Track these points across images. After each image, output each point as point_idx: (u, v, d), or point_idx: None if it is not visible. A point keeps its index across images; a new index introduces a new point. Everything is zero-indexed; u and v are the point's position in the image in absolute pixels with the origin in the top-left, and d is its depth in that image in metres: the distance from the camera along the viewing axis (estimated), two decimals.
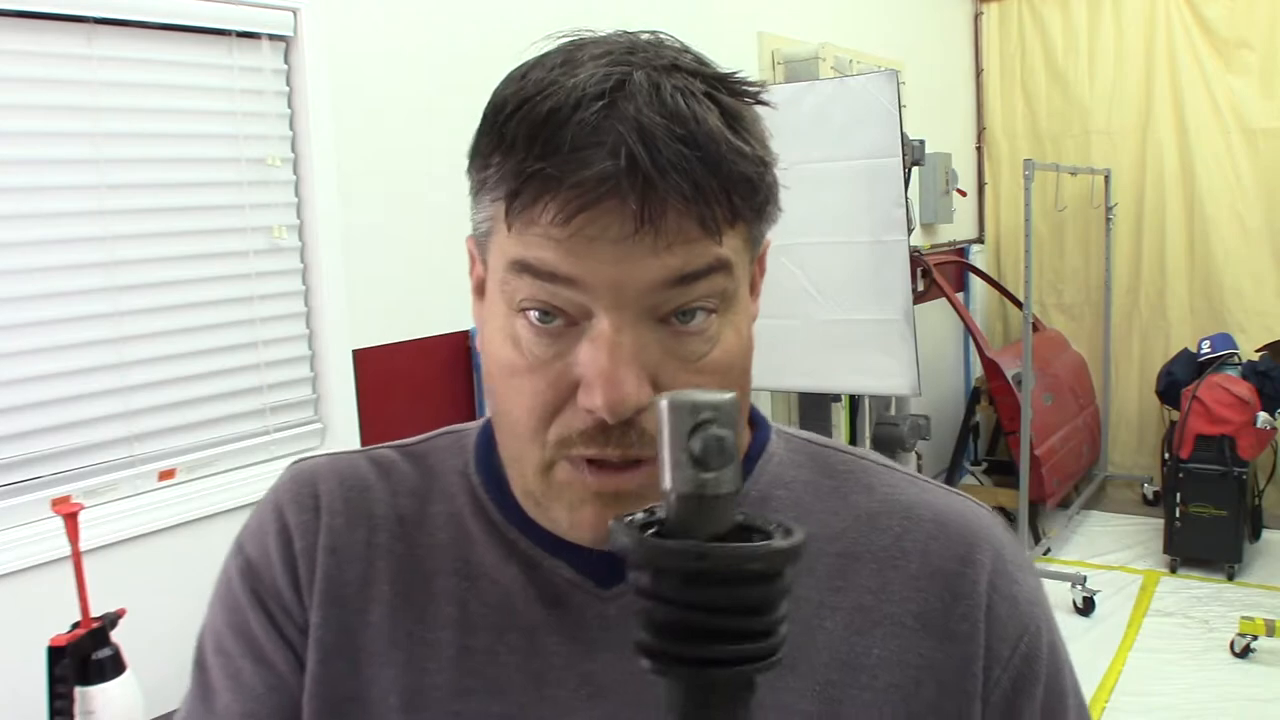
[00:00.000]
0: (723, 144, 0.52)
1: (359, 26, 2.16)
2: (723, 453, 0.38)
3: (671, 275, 0.53)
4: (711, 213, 0.52)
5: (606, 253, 0.52)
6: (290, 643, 0.63)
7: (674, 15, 3.11)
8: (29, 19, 1.66)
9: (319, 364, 2.13)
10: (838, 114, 2.74)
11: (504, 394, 0.58)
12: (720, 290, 0.55)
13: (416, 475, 0.68)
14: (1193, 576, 4.09)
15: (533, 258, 0.53)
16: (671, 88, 0.52)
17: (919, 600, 0.62)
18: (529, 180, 0.51)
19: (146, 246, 1.84)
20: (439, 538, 0.65)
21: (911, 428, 3.71)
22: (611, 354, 0.52)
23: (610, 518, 0.54)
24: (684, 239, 0.52)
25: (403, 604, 0.63)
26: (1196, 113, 4.80)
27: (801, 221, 2.81)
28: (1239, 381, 4.17)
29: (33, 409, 1.70)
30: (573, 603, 0.61)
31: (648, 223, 0.51)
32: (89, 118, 1.75)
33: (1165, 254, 4.95)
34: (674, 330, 0.55)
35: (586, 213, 0.51)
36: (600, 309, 0.53)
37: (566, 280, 0.53)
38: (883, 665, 0.60)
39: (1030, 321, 4.00)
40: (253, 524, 0.67)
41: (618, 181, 0.50)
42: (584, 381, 0.54)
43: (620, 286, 0.52)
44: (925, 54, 4.76)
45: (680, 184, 0.50)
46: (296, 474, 0.68)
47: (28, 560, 1.62)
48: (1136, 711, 3.13)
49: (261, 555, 0.65)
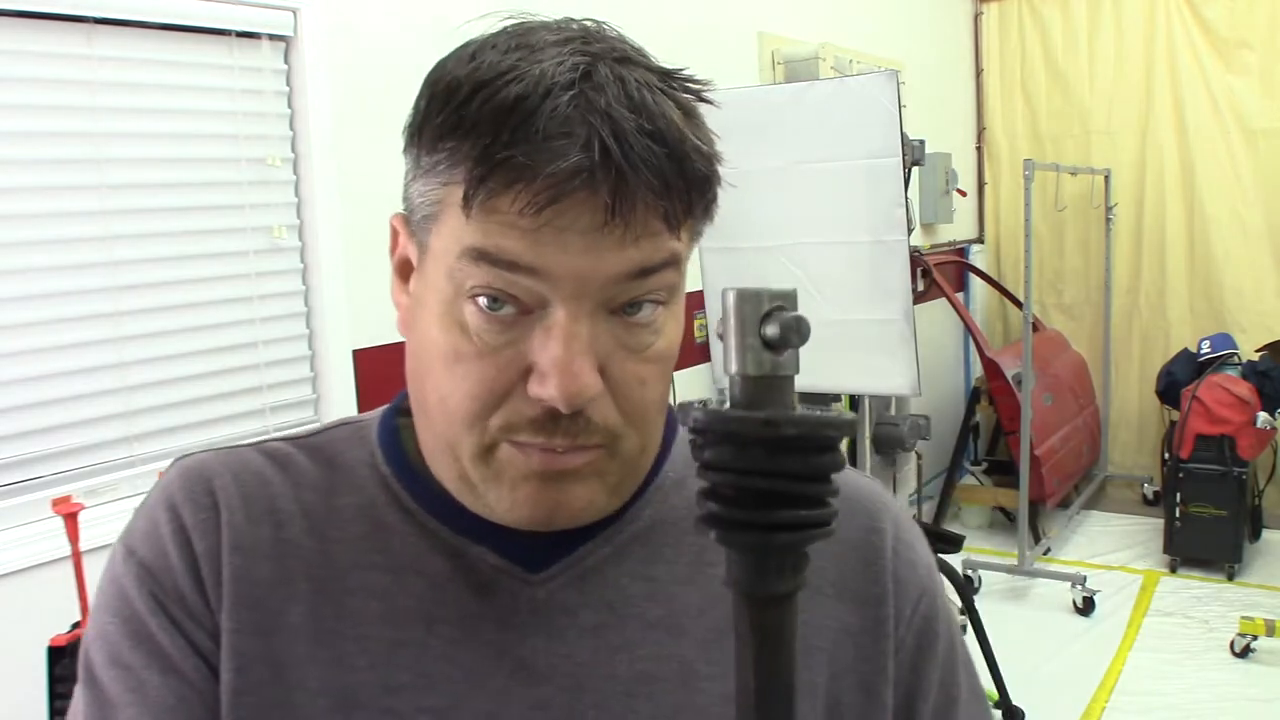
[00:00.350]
0: (685, 141, 0.53)
1: (359, 26, 2.16)
2: (800, 332, 0.41)
3: (634, 268, 0.53)
4: (674, 208, 0.53)
5: (575, 244, 0.52)
6: (200, 650, 0.59)
7: (674, 15, 3.11)
8: (29, 19, 1.66)
9: (319, 364, 2.13)
10: (838, 114, 2.73)
11: (442, 380, 0.56)
12: (670, 284, 0.56)
13: (316, 468, 0.64)
14: (1193, 576, 4.09)
15: (493, 246, 0.52)
16: (635, 81, 0.52)
17: (834, 570, 0.65)
18: (498, 167, 0.51)
19: (147, 246, 1.84)
20: (352, 531, 0.62)
21: (911, 428, 3.71)
22: (568, 345, 0.53)
23: (550, 498, 0.56)
24: (649, 233, 0.53)
25: (323, 601, 0.60)
26: (1196, 113, 4.79)
27: (801, 221, 2.81)
28: (1239, 381, 4.17)
29: (33, 409, 1.70)
30: (501, 589, 0.61)
31: (618, 216, 0.51)
32: (89, 118, 1.75)
33: (1165, 254, 4.95)
34: (623, 321, 0.55)
35: (558, 204, 0.51)
36: (559, 300, 0.53)
37: (529, 270, 0.52)
38: (807, 632, 0.62)
39: (1030, 321, 4.00)
40: (141, 525, 0.62)
41: (591, 174, 0.50)
42: (538, 370, 0.54)
43: (584, 278, 0.53)
44: (925, 54, 4.76)
45: (650, 179, 0.51)
46: (185, 470, 0.63)
47: (28, 560, 1.63)
48: (1136, 711, 3.13)
49: (158, 558, 0.60)
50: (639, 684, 0.60)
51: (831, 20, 3.97)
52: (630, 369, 0.56)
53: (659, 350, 0.57)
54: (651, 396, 0.58)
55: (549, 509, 0.57)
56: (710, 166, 0.55)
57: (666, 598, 0.62)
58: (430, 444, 0.61)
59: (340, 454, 0.65)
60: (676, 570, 0.63)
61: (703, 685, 0.61)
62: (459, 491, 0.60)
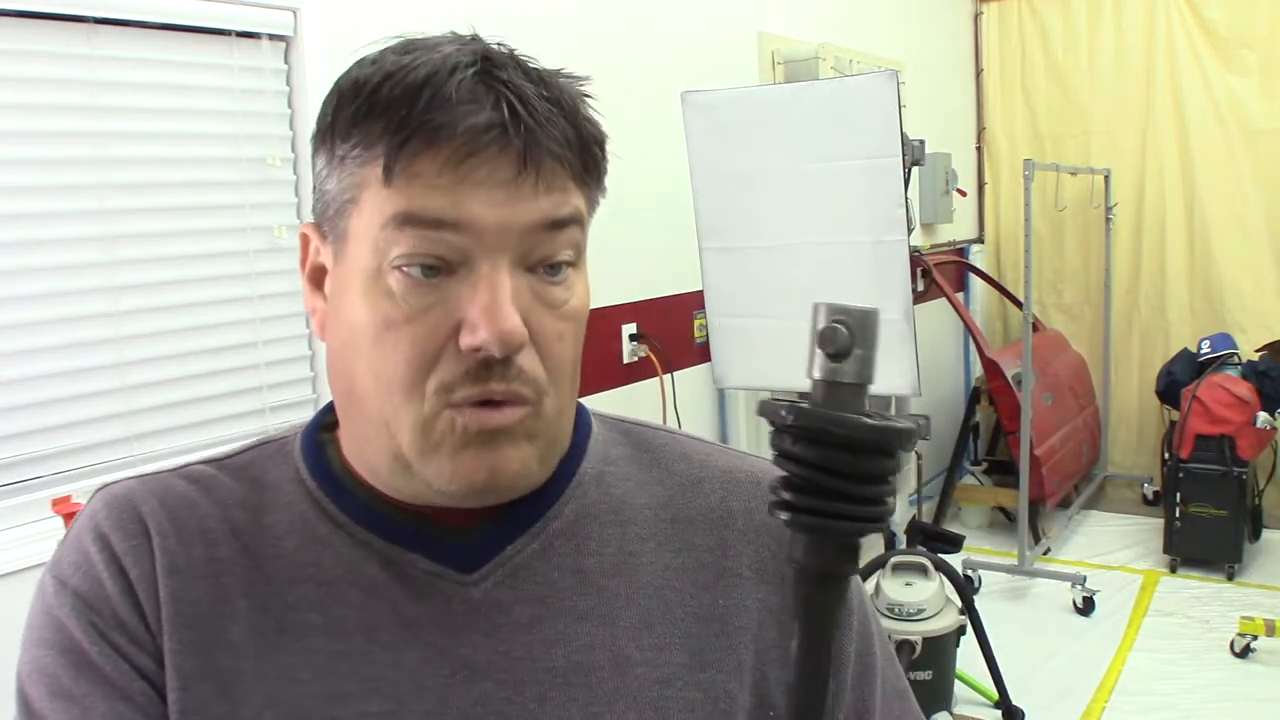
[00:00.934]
0: (579, 110, 0.60)
1: (359, 26, 2.16)
2: (835, 343, 0.48)
3: (546, 219, 0.58)
4: (576, 163, 0.59)
5: (494, 196, 0.56)
6: (144, 674, 0.59)
7: (674, 15, 3.11)
8: (29, 19, 1.66)
9: (319, 364, 2.13)
10: (838, 114, 2.73)
11: (373, 355, 0.58)
12: (576, 243, 0.61)
13: (241, 487, 0.65)
14: (1193, 576, 4.09)
15: (418, 208, 0.56)
16: (529, 63, 0.59)
17: (750, 553, 0.69)
18: (417, 131, 0.55)
19: (147, 246, 1.84)
20: (284, 545, 0.63)
21: None
22: (495, 292, 0.56)
23: (486, 463, 0.59)
24: (558, 185, 0.58)
25: (262, 617, 0.61)
26: (1196, 113, 4.79)
27: (801, 221, 2.81)
28: (1239, 381, 4.17)
29: (33, 409, 1.70)
30: (437, 592, 0.62)
31: (530, 165, 0.56)
32: (89, 118, 1.75)
33: (1165, 254, 4.95)
34: (540, 279, 0.59)
35: (476, 158, 0.55)
36: (481, 253, 0.57)
37: (453, 225, 0.56)
38: (730, 613, 0.67)
39: (1030, 321, 4.00)
40: (69, 556, 0.62)
41: (503, 129, 0.55)
42: (468, 323, 0.56)
43: (505, 228, 0.57)
44: (925, 54, 4.76)
45: (554, 134, 0.57)
46: (110, 499, 0.63)
47: (28, 560, 1.62)
48: (1136, 711, 3.13)
49: (93, 587, 0.60)
50: (575, 674, 0.62)
51: (831, 20, 3.97)
52: (549, 324, 0.60)
53: (573, 308, 0.61)
54: (568, 354, 0.62)
55: (487, 474, 0.59)
56: (600, 136, 0.61)
57: (596, 589, 0.65)
58: (360, 436, 0.63)
59: (265, 472, 0.67)
60: (603, 561, 0.66)
61: (636, 671, 0.63)
62: (391, 478, 0.62)
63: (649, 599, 0.66)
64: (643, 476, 0.71)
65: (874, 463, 0.49)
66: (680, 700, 0.64)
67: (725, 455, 0.74)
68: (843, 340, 0.48)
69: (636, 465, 0.71)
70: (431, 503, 0.62)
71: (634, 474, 0.71)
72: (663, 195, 2.97)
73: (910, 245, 2.77)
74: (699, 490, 0.70)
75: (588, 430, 0.71)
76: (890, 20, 4.52)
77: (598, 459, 0.70)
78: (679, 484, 0.71)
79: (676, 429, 0.78)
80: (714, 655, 0.66)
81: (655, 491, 0.70)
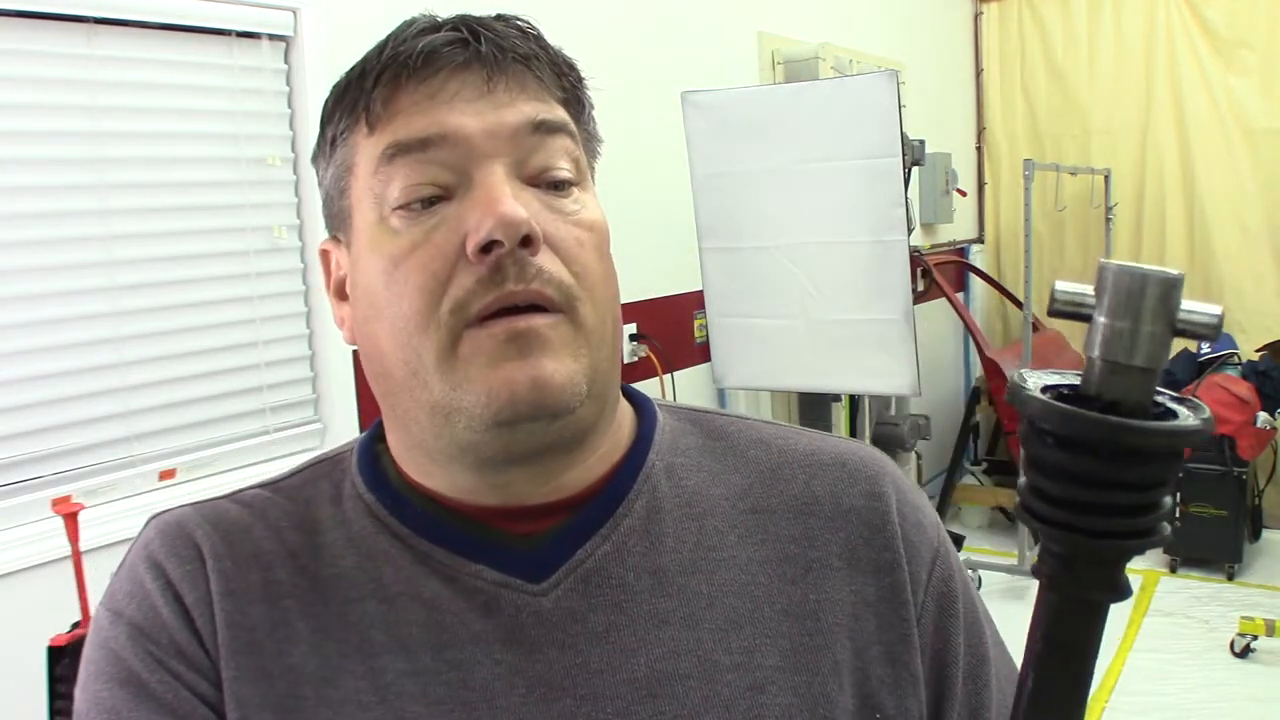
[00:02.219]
0: (546, 44, 0.60)
1: (359, 26, 2.16)
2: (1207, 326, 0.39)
3: (530, 120, 0.57)
4: (550, 77, 0.59)
5: (471, 106, 0.56)
6: (205, 699, 0.57)
7: (674, 15, 3.11)
8: (29, 19, 1.66)
9: (319, 364, 2.13)
10: (838, 114, 2.73)
11: (388, 303, 0.56)
12: (572, 156, 0.59)
13: (295, 508, 0.63)
14: (1193, 576, 4.09)
15: (403, 135, 0.56)
16: (501, 19, 0.60)
17: (840, 541, 0.64)
18: (384, 72, 0.57)
19: (146, 246, 1.84)
20: (343, 564, 0.60)
21: (911, 428, 3.71)
22: (493, 188, 0.55)
23: (526, 374, 0.55)
24: (533, 95, 0.58)
25: (324, 640, 0.58)
26: (1196, 113, 4.79)
27: (801, 221, 2.81)
28: (1239, 381, 4.17)
29: (33, 409, 1.70)
30: (505, 604, 0.58)
31: (498, 74, 0.57)
32: (89, 118, 1.75)
33: (1165, 254, 4.95)
34: (545, 192, 0.58)
35: (443, 74, 0.56)
36: (474, 165, 0.56)
37: (439, 140, 0.56)
38: (823, 608, 0.62)
39: (1030, 321, 4.00)
40: (124, 587, 0.60)
41: (465, 46, 0.56)
42: (472, 225, 0.54)
43: (492, 132, 0.56)
44: (925, 54, 4.76)
45: (517, 50, 0.58)
46: (163, 527, 0.62)
47: (28, 560, 1.62)
48: (1136, 711, 3.13)
49: (149, 616, 0.58)
50: (660, 684, 0.58)
51: (831, 20, 3.97)
52: (565, 230, 0.58)
53: (587, 218, 0.59)
54: (592, 262, 0.59)
55: (529, 385, 0.54)
56: (571, 63, 0.61)
57: (675, 589, 0.60)
58: (402, 415, 0.60)
59: (319, 491, 0.64)
60: (681, 559, 0.61)
61: (726, 677, 0.58)
62: (437, 442, 0.58)
63: (734, 597, 0.61)
64: (717, 466, 0.66)
65: (1172, 468, 0.43)
66: (775, 707, 0.58)
67: (805, 437, 0.69)
68: (1207, 319, 0.40)
69: (709, 455, 0.66)
70: (487, 472, 0.58)
71: (707, 464, 0.66)
72: (663, 195, 2.97)
73: (910, 245, 2.77)
74: (779, 477, 0.65)
75: (653, 420, 0.67)
76: (890, 20, 4.52)
77: (667, 450, 0.65)
78: (757, 472, 0.66)
79: (749, 415, 0.73)
80: (808, 656, 0.60)
81: (732, 481, 0.65)
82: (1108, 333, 0.39)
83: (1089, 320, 0.40)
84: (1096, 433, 0.38)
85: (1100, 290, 0.40)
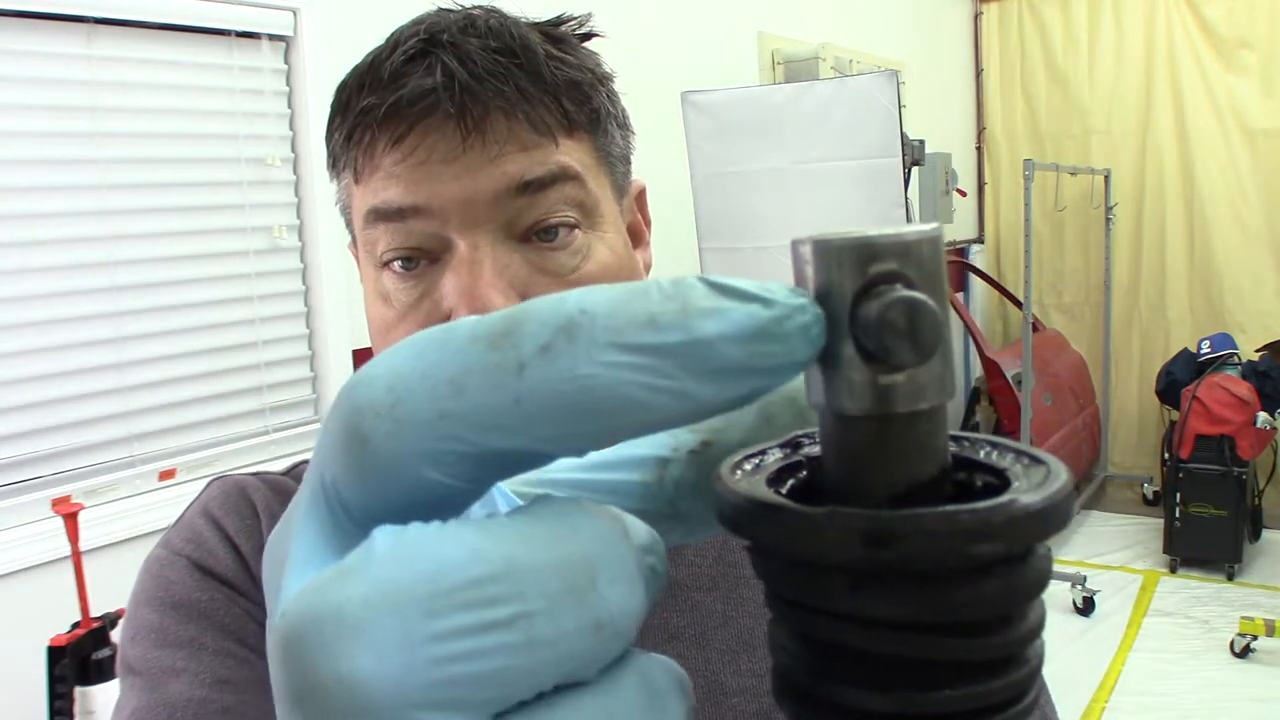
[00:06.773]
0: (541, 53, 0.53)
1: (359, 26, 2.16)
2: (915, 331, 0.18)
3: (513, 183, 0.52)
4: (540, 116, 0.52)
5: (443, 172, 0.52)
6: (257, 620, 0.56)
7: (674, 15, 3.11)
8: (29, 19, 1.66)
9: (319, 364, 2.13)
10: (838, 114, 2.73)
11: (385, 348, 0.56)
12: (575, 201, 0.54)
13: None
14: (1193, 576, 4.09)
15: (380, 201, 0.53)
16: (487, 15, 0.54)
17: None
18: (359, 119, 0.53)
19: (146, 246, 1.84)
20: None
21: None
22: (471, 271, 0.51)
23: None
24: (518, 146, 0.52)
25: None
26: (1196, 113, 4.79)
27: (802, 222, 2.81)
28: (1239, 381, 4.17)
29: (33, 409, 1.70)
30: None
31: (473, 131, 0.51)
32: (89, 118, 1.75)
33: (1165, 254, 4.95)
34: (537, 248, 0.54)
35: (414, 134, 0.51)
36: (455, 233, 0.52)
37: (414, 211, 0.52)
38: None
39: (1030, 321, 4.00)
40: (183, 533, 0.60)
41: (436, 94, 0.51)
42: (450, 306, 0.52)
43: (467, 203, 0.52)
44: (925, 54, 4.76)
45: (500, 88, 0.51)
46: (223, 485, 0.63)
47: (28, 560, 1.62)
48: (1136, 711, 3.13)
49: (206, 554, 0.58)
50: None
51: (831, 20, 3.97)
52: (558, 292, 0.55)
53: (591, 274, 0.54)
54: None
55: None
56: (582, 75, 0.55)
57: (689, 605, 0.59)
58: None
59: None
60: (700, 573, 0.60)
61: (731, 701, 0.56)
62: None
63: (749, 617, 0.59)
64: None
65: (1008, 585, 0.20)
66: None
67: None
68: (927, 316, 0.18)
69: None
70: None
71: None
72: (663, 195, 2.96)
73: None
74: None
75: None
76: (890, 20, 4.52)
77: None
78: None
79: None
80: None
81: None
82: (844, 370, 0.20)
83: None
84: (834, 537, 0.19)
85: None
